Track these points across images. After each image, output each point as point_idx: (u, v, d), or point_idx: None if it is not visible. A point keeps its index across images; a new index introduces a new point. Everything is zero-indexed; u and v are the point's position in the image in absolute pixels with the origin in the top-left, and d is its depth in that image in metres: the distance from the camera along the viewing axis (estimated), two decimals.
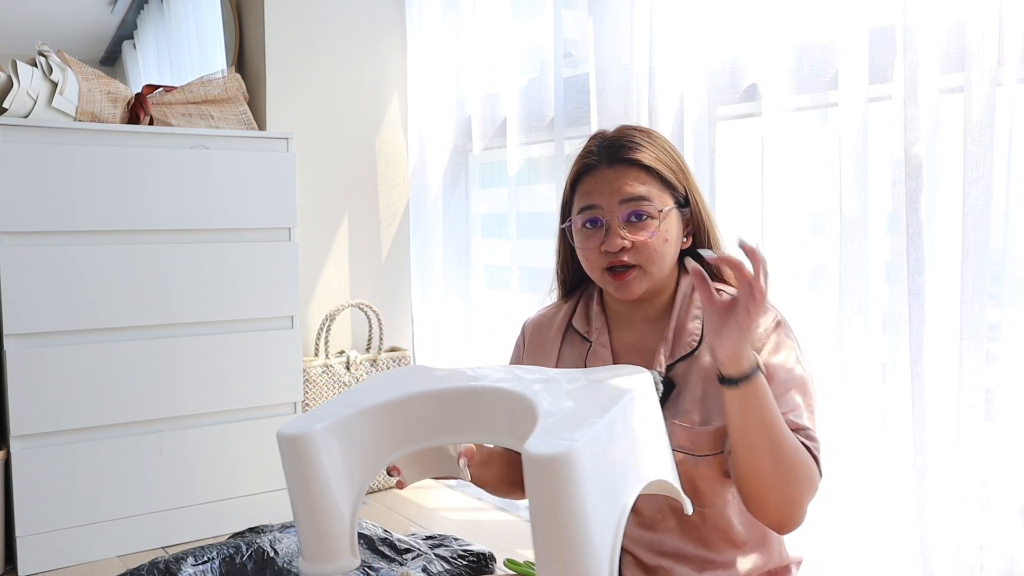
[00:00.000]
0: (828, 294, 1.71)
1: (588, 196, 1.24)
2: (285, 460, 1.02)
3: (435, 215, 2.72)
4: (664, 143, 1.27)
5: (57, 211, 2.04)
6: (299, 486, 1.02)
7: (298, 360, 2.39)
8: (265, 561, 1.73)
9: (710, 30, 1.84)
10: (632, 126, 1.29)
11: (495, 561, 1.89)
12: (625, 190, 1.21)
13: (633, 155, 1.23)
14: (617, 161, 1.23)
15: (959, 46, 1.46)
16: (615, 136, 1.26)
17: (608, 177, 1.23)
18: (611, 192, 1.22)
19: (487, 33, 2.48)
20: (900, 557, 1.59)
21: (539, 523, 0.88)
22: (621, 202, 1.21)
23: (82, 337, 2.10)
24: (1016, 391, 1.43)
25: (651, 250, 1.21)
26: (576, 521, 0.86)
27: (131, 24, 2.72)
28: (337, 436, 1.04)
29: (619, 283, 1.22)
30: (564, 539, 0.87)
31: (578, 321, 1.33)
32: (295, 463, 1.02)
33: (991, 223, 1.42)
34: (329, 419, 1.04)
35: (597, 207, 1.22)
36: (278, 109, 2.59)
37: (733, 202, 1.91)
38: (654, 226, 1.21)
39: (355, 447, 1.06)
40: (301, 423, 1.02)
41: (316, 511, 1.02)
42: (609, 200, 1.21)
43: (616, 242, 1.20)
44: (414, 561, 1.80)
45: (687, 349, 1.23)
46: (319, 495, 1.02)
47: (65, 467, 2.09)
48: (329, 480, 1.02)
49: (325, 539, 1.02)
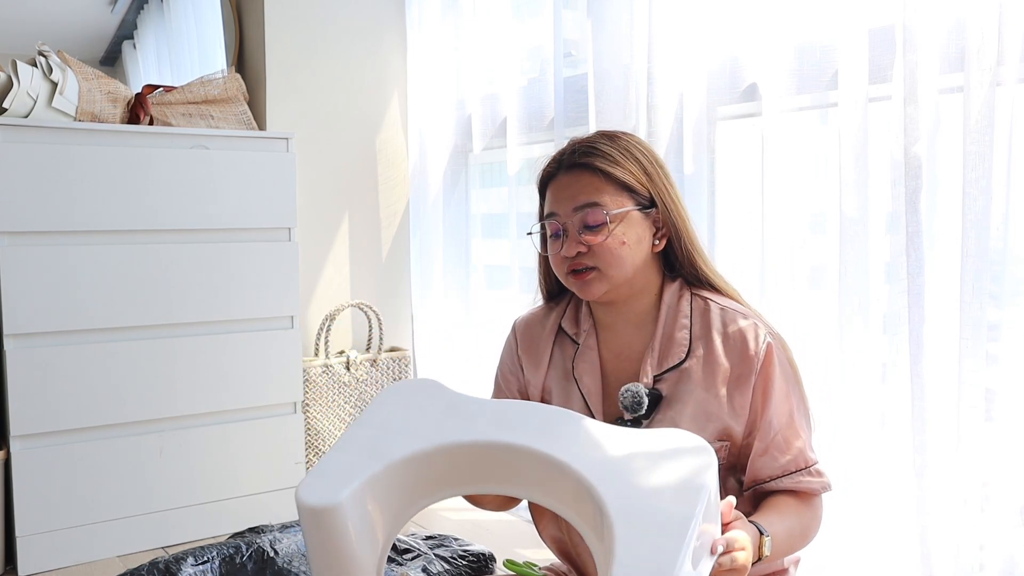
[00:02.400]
0: (828, 294, 1.70)
1: (549, 204, 1.27)
2: (307, 530, 0.94)
3: (435, 215, 2.72)
4: (631, 145, 1.27)
5: (57, 211, 2.04)
6: (323, 558, 0.94)
7: (298, 360, 2.39)
8: (265, 561, 1.73)
9: (710, 30, 1.84)
10: (604, 131, 1.30)
11: (495, 561, 1.89)
12: (578, 198, 1.23)
13: (587, 160, 1.24)
14: (572, 167, 1.25)
15: (959, 46, 1.46)
16: (579, 142, 1.28)
17: (563, 184, 1.26)
18: (566, 199, 1.24)
19: (487, 33, 2.48)
20: (900, 557, 1.59)
21: None
22: (575, 209, 1.23)
23: (82, 337, 2.10)
24: (1016, 391, 1.42)
25: (607, 252, 1.22)
26: None
27: (131, 24, 2.72)
28: (363, 498, 0.95)
29: (579, 283, 1.24)
30: None
31: (567, 323, 1.34)
32: (318, 535, 0.93)
33: (991, 223, 1.42)
34: (355, 481, 0.95)
35: (556, 215, 1.25)
36: (278, 109, 2.59)
37: (733, 202, 1.91)
38: (607, 230, 1.22)
39: (382, 504, 0.98)
40: (323, 489, 0.93)
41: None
42: (565, 207, 1.24)
43: (572, 247, 1.22)
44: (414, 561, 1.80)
45: (675, 360, 1.23)
46: (345, 567, 0.94)
47: (65, 467, 2.09)
48: (355, 549, 0.94)
49: None
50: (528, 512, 1.42)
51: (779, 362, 1.21)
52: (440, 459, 1.01)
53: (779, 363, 1.21)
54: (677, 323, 1.25)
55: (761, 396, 1.20)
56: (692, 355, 1.22)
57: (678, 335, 1.24)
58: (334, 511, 0.91)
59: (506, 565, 1.38)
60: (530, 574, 1.34)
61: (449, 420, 1.03)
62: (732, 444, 1.21)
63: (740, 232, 1.89)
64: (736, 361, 1.21)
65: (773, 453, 1.20)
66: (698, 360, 1.22)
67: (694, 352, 1.22)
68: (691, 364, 1.22)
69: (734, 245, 1.88)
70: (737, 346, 1.21)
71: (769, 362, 1.20)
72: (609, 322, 1.29)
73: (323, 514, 0.91)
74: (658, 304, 1.27)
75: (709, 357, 1.21)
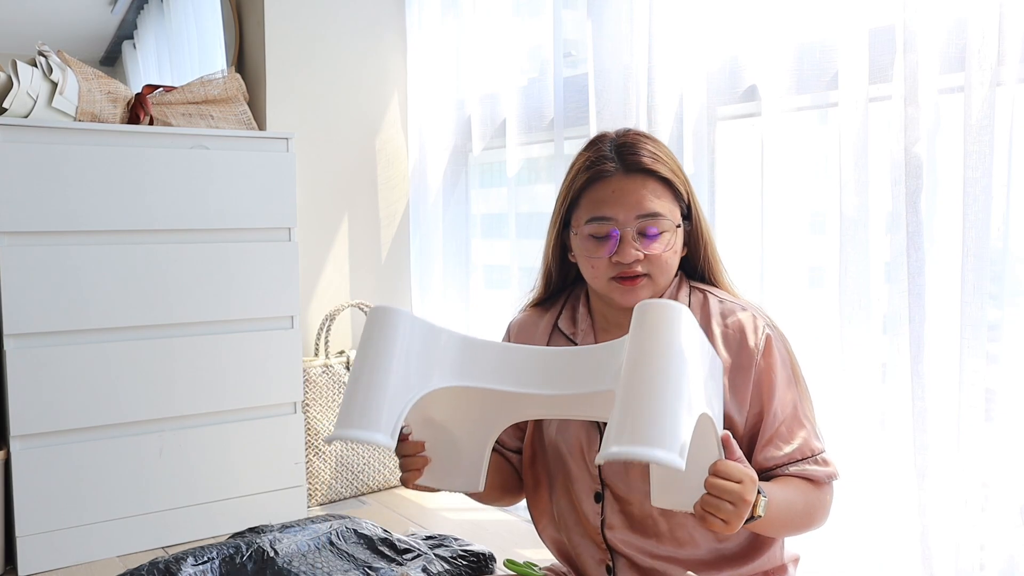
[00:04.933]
0: (828, 294, 1.70)
1: (601, 206, 1.22)
2: (371, 326, 1.07)
3: (435, 215, 2.72)
4: (669, 152, 1.26)
5: (57, 211, 2.04)
6: (373, 350, 1.05)
7: (298, 360, 2.39)
8: (265, 561, 1.73)
9: (710, 30, 1.84)
10: (638, 132, 1.27)
11: (495, 561, 1.89)
12: (644, 205, 1.20)
13: (650, 166, 1.22)
14: (634, 171, 1.22)
15: (959, 46, 1.46)
16: (627, 142, 1.24)
17: (625, 188, 1.21)
18: (629, 205, 1.20)
19: (487, 33, 2.48)
20: (900, 557, 1.59)
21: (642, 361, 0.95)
22: (639, 216, 1.20)
23: (82, 337, 2.10)
24: (1016, 391, 1.42)
25: (662, 262, 1.22)
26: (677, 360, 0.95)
27: (131, 24, 2.72)
28: (425, 333, 1.09)
29: (627, 289, 1.21)
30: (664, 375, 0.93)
31: (564, 323, 1.33)
32: (380, 329, 1.06)
33: (991, 223, 1.42)
34: (423, 319, 1.10)
35: (612, 219, 1.21)
36: (278, 109, 2.59)
37: (733, 202, 1.91)
38: (668, 240, 1.21)
39: (434, 354, 1.09)
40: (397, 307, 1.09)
41: (376, 378, 1.03)
42: (626, 213, 1.20)
43: (631, 254, 1.20)
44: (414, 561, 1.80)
45: None
46: (387, 365, 1.04)
47: (65, 467, 2.09)
48: (402, 357, 1.05)
49: (370, 408, 1.02)
50: (528, 512, 1.43)
51: (779, 353, 1.21)
52: (509, 355, 1.13)
53: (779, 354, 1.21)
54: None
55: (762, 387, 1.20)
56: None
57: None
58: (401, 315, 1.07)
59: (506, 565, 1.39)
60: (530, 574, 1.34)
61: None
62: (734, 436, 1.21)
63: (740, 232, 1.89)
64: (736, 352, 1.21)
65: (777, 443, 1.20)
66: None
67: None
68: None
69: (734, 245, 1.88)
70: (737, 337, 1.21)
71: (769, 353, 1.20)
72: (613, 321, 1.29)
73: (390, 313, 1.07)
74: None
75: None
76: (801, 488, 1.20)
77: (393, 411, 1.02)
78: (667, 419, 0.90)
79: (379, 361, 1.04)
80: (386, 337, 1.05)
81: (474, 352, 1.11)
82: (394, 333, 1.05)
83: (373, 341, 1.06)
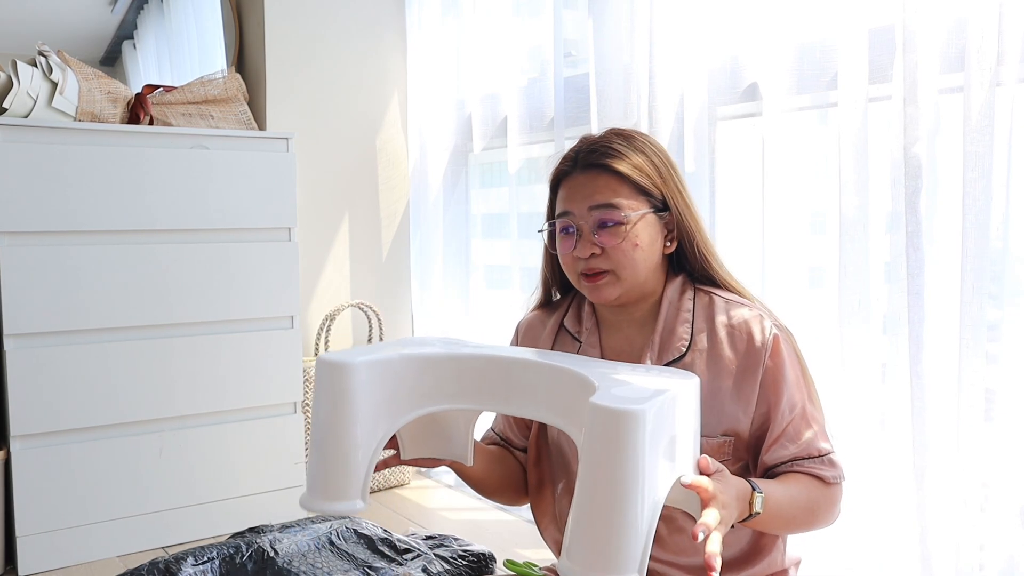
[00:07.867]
0: (828, 294, 1.70)
1: (563, 202, 1.26)
2: (320, 386, 1.03)
3: (435, 215, 2.72)
4: (647, 147, 1.26)
5: (57, 211, 2.04)
6: (327, 415, 1.02)
7: (298, 360, 2.39)
8: (265, 561, 1.73)
9: (710, 30, 1.84)
10: (618, 130, 1.29)
11: (495, 561, 1.89)
12: (595, 197, 1.22)
13: (604, 161, 1.23)
14: (589, 167, 1.24)
15: (959, 46, 1.46)
16: (594, 141, 1.26)
17: (580, 183, 1.24)
18: (582, 198, 1.23)
19: (487, 33, 2.48)
20: (900, 557, 1.59)
21: (590, 478, 0.89)
22: (591, 208, 1.21)
23: (82, 337, 2.10)
24: (1016, 391, 1.42)
25: (622, 255, 1.21)
26: (629, 480, 0.87)
27: (131, 24, 2.72)
28: (376, 375, 1.05)
29: (591, 287, 1.23)
30: (613, 496, 0.87)
31: (570, 322, 1.34)
32: (329, 390, 1.02)
33: (991, 223, 1.42)
34: (372, 355, 1.05)
35: (570, 213, 1.24)
36: (278, 109, 2.59)
37: (733, 202, 1.91)
38: (623, 232, 1.21)
39: (390, 391, 1.06)
40: (345, 354, 1.03)
41: (338, 444, 1.01)
42: (580, 206, 1.22)
43: (586, 248, 1.21)
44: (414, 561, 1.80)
45: (675, 354, 1.22)
46: (345, 428, 1.01)
47: (65, 467, 2.09)
48: (358, 416, 1.02)
49: (338, 476, 1.02)
50: (528, 512, 1.43)
51: (786, 353, 1.21)
52: (455, 365, 1.10)
53: (786, 353, 1.21)
54: (679, 317, 1.24)
55: (770, 387, 1.19)
56: (693, 349, 1.22)
57: (679, 329, 1.23)
58: (348, 369, 1.03)
59: (506, 565, 1.38)
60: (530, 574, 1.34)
61: (468, 345, 1.12)
62: (737, 439, 1.20)
63: (740, 232, 1.88)
64: (742, 353, 1.20)
65: (783, 442, 1.19)
66: (700, 353, 1.21)
67: (695, 346, 1.22)
68: (692, 358, 1.21)
69: (734, 245, 1.88)
70: (743, 338, 1.20)
71: (777, 352, 1.19)
72: (613, 321, 1.29)
73: (337, 369, 1.02)
74: (660, 301, 1.27)
75: (713, 351, 1.21)
76: (806, 484, 1.19)
77: (359, 471, 1.03)
78: (619, 545, 0.88)
79: (336, 425, 1.02)
80: (336, 396, 1.02)
81: (435, 371, 1.10)
82: (344, 388, 1.02)
83: (324, 403, 1.03)
